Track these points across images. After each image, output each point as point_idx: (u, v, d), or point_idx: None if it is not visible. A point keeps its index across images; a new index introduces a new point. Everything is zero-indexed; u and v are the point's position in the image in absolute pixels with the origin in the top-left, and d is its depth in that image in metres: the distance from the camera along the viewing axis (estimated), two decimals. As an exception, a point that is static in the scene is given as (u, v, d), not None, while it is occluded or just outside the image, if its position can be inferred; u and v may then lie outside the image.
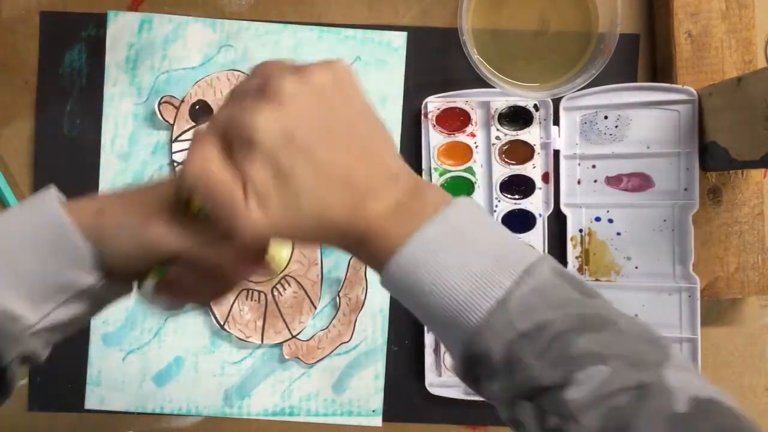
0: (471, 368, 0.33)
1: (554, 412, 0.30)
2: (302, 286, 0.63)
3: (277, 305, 0.63)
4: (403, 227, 0.33)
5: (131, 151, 0.63)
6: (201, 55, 0.63)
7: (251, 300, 0.62)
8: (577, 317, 0.31)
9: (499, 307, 0.31)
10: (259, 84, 0.33)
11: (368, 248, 0.34)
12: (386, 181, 0.34)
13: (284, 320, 0.62)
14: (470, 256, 0.32)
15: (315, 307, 0.63)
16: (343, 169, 0.33)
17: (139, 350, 0.63)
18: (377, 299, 0.63)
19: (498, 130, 0.61)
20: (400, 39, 0.63)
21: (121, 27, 0.62)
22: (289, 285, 0.63)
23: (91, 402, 0.63)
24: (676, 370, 0.30)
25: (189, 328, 0.63)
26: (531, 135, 0.61)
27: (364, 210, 0.33)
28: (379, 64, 0.63)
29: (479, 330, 0.31)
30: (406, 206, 0.34)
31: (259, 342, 0.62)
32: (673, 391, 0.29)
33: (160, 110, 0.62)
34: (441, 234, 0.33)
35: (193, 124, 0.62)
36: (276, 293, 0.63)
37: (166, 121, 0.62)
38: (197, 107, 0.62)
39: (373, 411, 0.63)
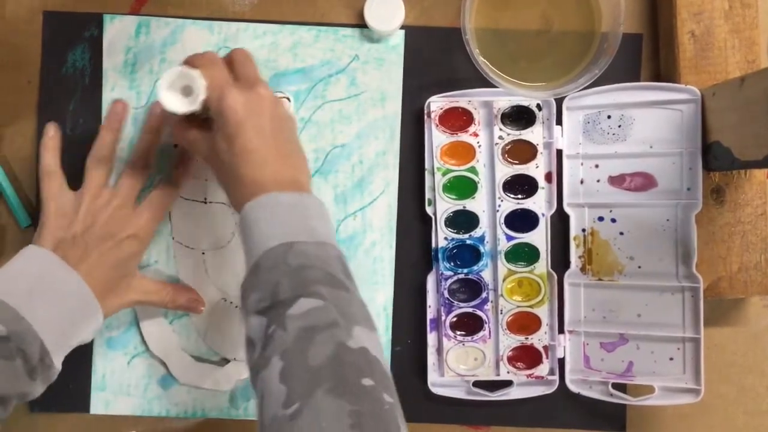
0: (249, 278, 0.46)
1: (275, 322, 0.42)
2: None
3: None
4: (271, 190, 0.48)
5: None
6: (200, 58, 0.62)
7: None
8: (329, 276, 0.44)
9: (288, 245, 0.45)
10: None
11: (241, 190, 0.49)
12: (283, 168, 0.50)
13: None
14: (300, 216, 0.48)
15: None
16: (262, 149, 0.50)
17: (144, 354, 0.63)
18: (379, 298, 0.63)
19: (501, 129, 0.61)
20: (397, 37, 0.63)
21: (117, 31, 0.62)
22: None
23: (97, 407, 0.62)
24: (364, 330, 0.43)
25: (192, 329, 0.63)
26: (534, 135, 0.61)
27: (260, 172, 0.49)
28: (377, 62, 0.63)
29: (267, 253, 0.45)
30: (281, 184, 0.49)
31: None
32: (353, 335, 0.42)
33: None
34: (289, 199, 0.48)
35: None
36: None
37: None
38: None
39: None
